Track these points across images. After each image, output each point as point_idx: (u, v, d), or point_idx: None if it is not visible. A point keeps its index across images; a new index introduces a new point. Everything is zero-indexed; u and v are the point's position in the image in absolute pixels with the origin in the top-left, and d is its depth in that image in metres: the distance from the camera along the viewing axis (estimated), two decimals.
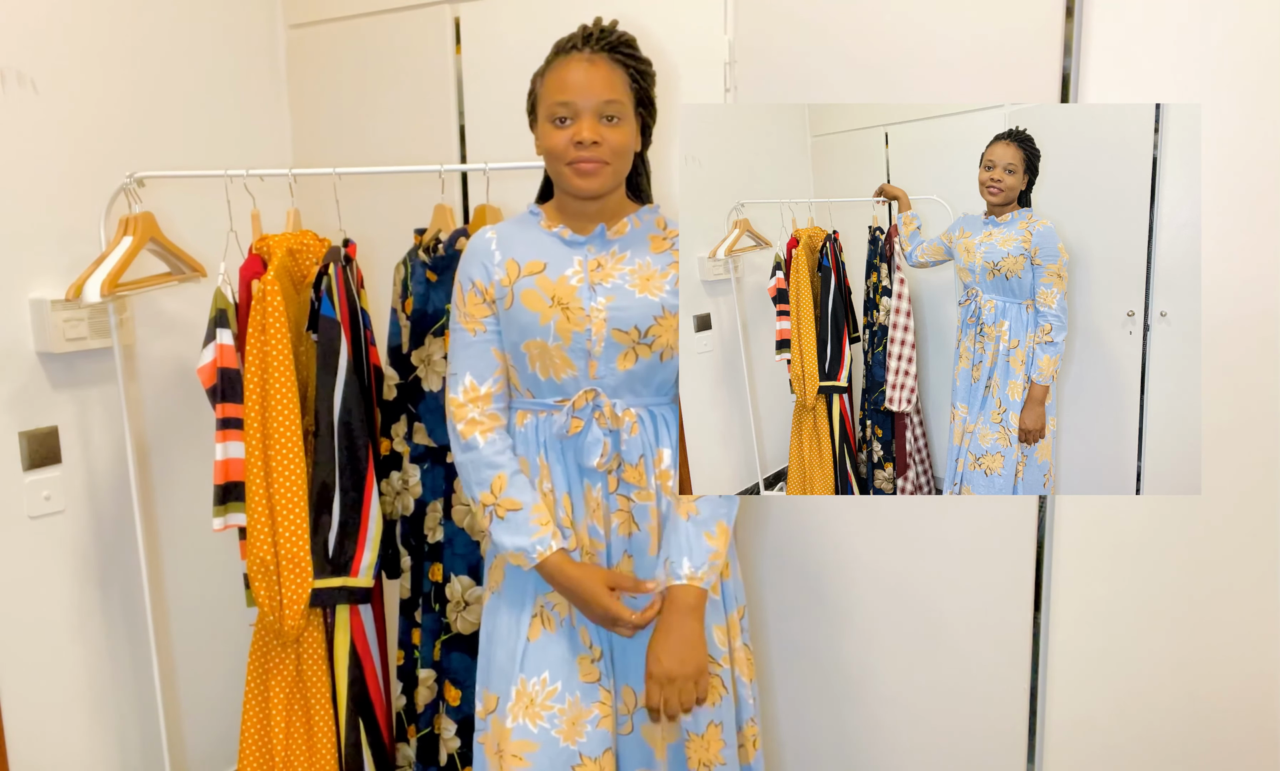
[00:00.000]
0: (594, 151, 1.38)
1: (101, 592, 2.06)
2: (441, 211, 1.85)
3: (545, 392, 1.47)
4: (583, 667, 1.46)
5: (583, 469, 1.46)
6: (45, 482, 1.94)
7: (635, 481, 1.45)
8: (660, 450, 1.47)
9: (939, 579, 1.91)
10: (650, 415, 1.47)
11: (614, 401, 1.45)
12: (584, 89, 1.37)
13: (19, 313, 1.89)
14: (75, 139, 1.97)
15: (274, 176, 1.82)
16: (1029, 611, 1.85)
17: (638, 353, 1.44)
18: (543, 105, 1.42)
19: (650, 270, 1.46)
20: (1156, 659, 1.78)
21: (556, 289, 1.43)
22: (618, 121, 1.40)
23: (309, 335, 1.80)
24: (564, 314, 1.42)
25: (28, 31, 1.88)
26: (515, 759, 1.40)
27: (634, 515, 1.47)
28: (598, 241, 1.47)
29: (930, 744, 1.97)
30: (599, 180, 1.40)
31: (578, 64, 1.39)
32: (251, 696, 1.84)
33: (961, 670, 1.91)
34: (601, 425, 1.44)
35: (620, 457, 1.45)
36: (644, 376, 1.46)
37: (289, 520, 1.70)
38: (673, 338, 1.46)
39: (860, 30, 1.82)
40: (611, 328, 1.42)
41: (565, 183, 1.42)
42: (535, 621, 1.47)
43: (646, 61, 1.45)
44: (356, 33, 2.29)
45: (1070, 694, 1.85)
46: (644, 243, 1.49)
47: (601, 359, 1.43)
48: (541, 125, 1.43)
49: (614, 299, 1.43)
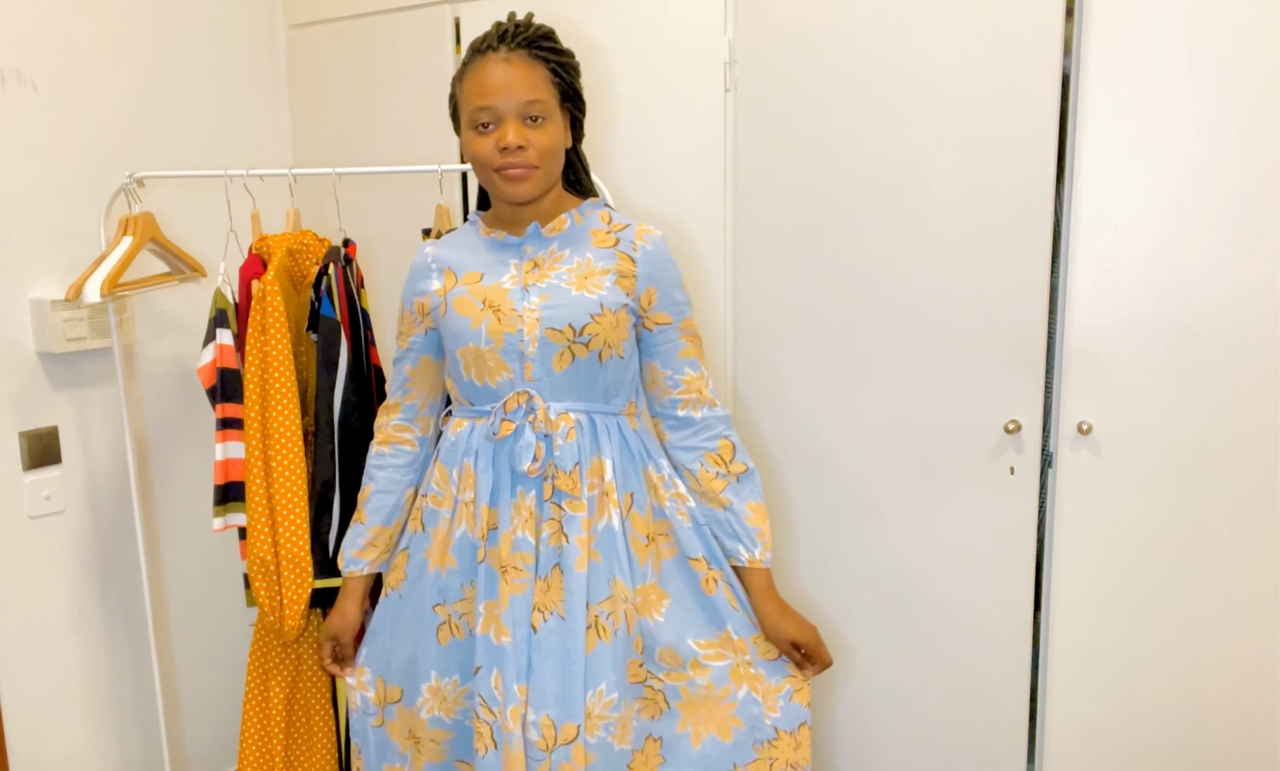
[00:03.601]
0: (520, 156, 1.33)
1: (101, 592, 2.06)
2: (441, 212, 1.85)
3: (483, 399, 1.44)
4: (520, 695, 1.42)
5: (515, 474, 1.40)
6: (45, 482, 1.94)
7: (568, 489, 1.39)
8: (601, 460, 1.41)
9: (939, 578, 1.91)
10: (590, 422, 1.42)
11: (550, 405, 1.40)
12: (503, 91, 1.32)
13: (19, 313, 1.89)
14: (75, 139, 1.97)
15: (274, 176, 1.82)
16: (1029, 611, 1.85)
17: (573, 352, 1.39)
18: (464, 111, 1.37)
19: (590, 267, 1.41)
20: (1156, 658, 1.78)
21: (489, 293, 1.40)
22: (543, 121, 1.34)
23: (309, 335, 1.80)
24: (495, 316, 1.39)
25: (28, 31, 1.88)
26: (433, 743, 1.50)
27: (564, 525, 1.40)
28: (534, 241, 1.43)
29: (930, 743, 1.97)
30: (529, 185, 1.36)
31: (495, 65, 1.33)
32: (251, 696, 1.84)
33: (962, 669, 1.91)
34: (535, 428, 1.39)
35: (554, 463, 1.39)
36: (584, 379, 1.41)
37: (289, 520, 1.70)
38: (613, 336, 1.40)
39: (861, 30, 1.82)
40: (545, 327, 1.37)
41: (496, 190, 1.38)
42: (444, 629, 1.47)
43: (568, 53, 1.39)
44: (356, 33, 2.29)
45: (1070, 693, 1.85)
46: (585, 239, 1.43)
47: (536, 360, 1.39)
48: (465, 132, 1.37)
49: (548, 298, 1.38)
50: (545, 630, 1.39)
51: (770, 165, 1.93)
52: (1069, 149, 1.73)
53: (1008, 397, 1.81)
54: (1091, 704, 1.84)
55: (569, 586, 1.39)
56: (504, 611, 1.39)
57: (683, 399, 1.47)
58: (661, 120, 1.99)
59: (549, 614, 1.39)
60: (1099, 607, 1.81)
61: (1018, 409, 1.80)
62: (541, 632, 1.39)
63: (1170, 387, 1.71)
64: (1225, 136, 1.63)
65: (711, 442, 1.46)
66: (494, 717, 1.38)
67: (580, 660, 1.38)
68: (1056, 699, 1.86)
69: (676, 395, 1.47)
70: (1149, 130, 1.67)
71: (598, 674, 1.39)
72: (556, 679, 1.38)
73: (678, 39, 1.96)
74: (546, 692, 1.38)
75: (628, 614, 1.42)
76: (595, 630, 1.40)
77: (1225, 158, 1.63)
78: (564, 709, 1.38)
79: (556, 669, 1.39)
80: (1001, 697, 1.89)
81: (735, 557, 1.46)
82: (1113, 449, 1.76)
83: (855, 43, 1.83)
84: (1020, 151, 1.73)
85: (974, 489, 1.85)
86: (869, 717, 2.01)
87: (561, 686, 1.38)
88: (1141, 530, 1.76)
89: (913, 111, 1.80)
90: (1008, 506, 1.83)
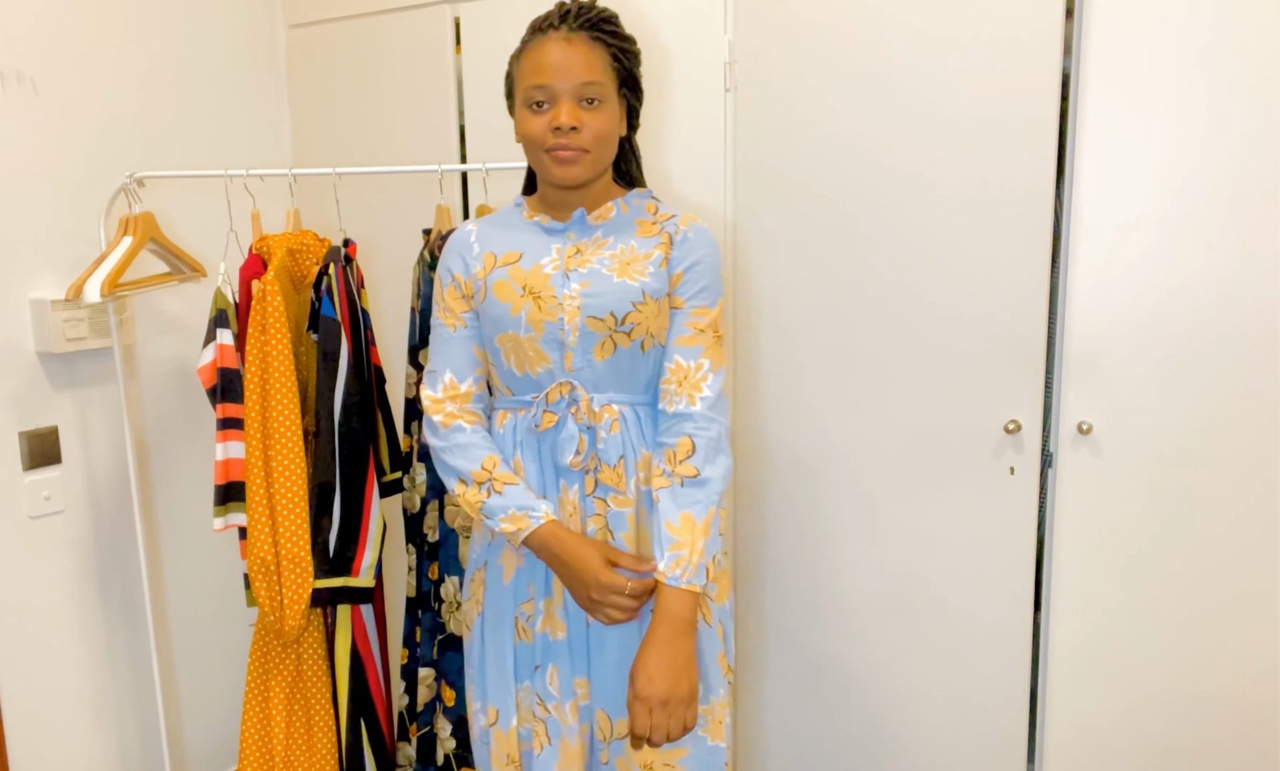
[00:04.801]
0: (573, 138, 1.29)
1: (101, 592, 2.06)
2: (441, 212, 1.85)
3: (523, 389, 1.39)
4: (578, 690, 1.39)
5: (559, 467, 1.36)
6: (45, 482, 1.94)
7: (613, 483, 1.35)
8: (650, 454, 1.36)
9: (939, 578, 1.91)
10: (635, 414, 1.37)
11: (593, 396, 1.35)
12: (561, 70, 1.28)
13: (19, 313, 1.89)
14: (75, 139, 1.97)
15: (274, 176, 1.82)
16: (1029, 611, 1.85)
17: (615, 342, 1.33)
18: (519, 89, 1.33)
19: (633, 254, 1.35)
20: (1157, 659, 1.79)
21: (529, 278, 1.35)
22: (598, 104, 1.30)
23: (309, 335, 1.80)
24: (535, 303, 1.33)
25: (28, 31, 1.88)
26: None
27: (609, 522, 1.35)
28: (578, 227, 1.38)
29: (930, 744, 1.97)
30: (579, 168, 1.31)
31: (554, 44, 1.29)
32: (251, 696, 1.84)
33: (961, 670, 1.91)
34: (577, 421, 1.34)
35: (597, 457, 1.35)
36: (626, 369, 1.35)
37: (289, 520, 1.70)
38: (655, 325, 1.35)
39: (860, 31, 1.82)
40: (586, 315, 1.32)
41: (545, 171, 1.34)
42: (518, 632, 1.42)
43: (629, 39, 1.35)
44: (356, 33, 2.29)
45: (1070, 694, 1.85)
46: (630, 228, 1.39)
47: (577, 349, 1.33)
48: (518, 111, 1.34)
49: (589, 284, 1.33)
50: (596, 626, 1.37)
51: (770, 165, 1.93)
52: (1069, 149, 1.73)
53: (1008, 398, 1.81)
54: (1091, 704, 1.84)
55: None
56: (559, 607, 1.37)
57: (664, 389, 1.36)
58: (661, 120, 1.99)
59: None
60: (1099, 607, 1.81)
61: (1018, 409, 1.81)
62: (594, 628, 1.37)
63: (1170, 388, 1.71)
64: (1225, 136, 1.63)
65: (672, 439, 1.33)
66: (548, 714, 1.37)
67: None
68: (1056, 699, 1.86)
69: (662, 384, 1.36)
70: (1149, 130, 1.67)
71: None
72: (612, 676, 1.37)
73: (678, 39, 1.96)
74: (603, 689, 1.37)
75: (703, 602, 1.38)
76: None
77: (1225, 158, 1.63)
78: (621, 706, 1.37)
79: (611, 665, 1.37)
80: (1001, 697, 1.89)
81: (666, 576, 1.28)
82: (1113, 449, 1.76)
83: (855, 43, 1.83)
84: (1020, 151, 1.74)
85: (974, 489, 1.85)
86: (869, 717, 2.01)
87: (617, 681, 1.37)
88: (1141, 530, 1.76)
89: (913, 112, 1.80)
90: (1008, 506, 1.83)
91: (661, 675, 1.26)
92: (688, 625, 1.28)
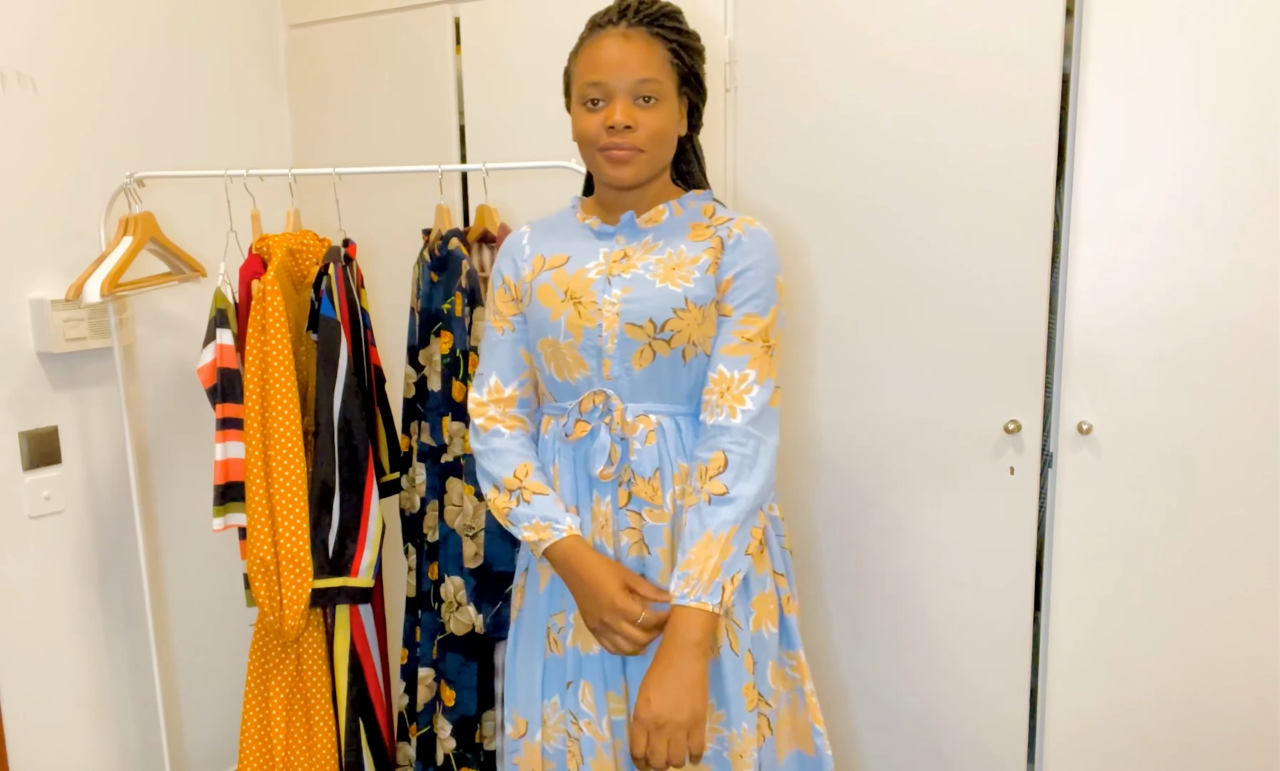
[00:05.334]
0: (627, 137, 1.24)
1: (101, 592, 2.06)
2: (441, 212, 1.85)
3: (563, 395, 1.36)
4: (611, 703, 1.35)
5: (591, 477, 1.32)
6: (45, 482, 1.94)
7: (648, 497, 1.29)
8: (685, 465, 1.31)
9: (939, 578, 1.91)
10: (674, 425, 1.31)
11: (629, 406, 1.30)
12: (617, 67, 1.23)
13: (19, 313, 1.89)
14: (75, 139, 1.97)
15: (274, 176, 1.82)
16: (1029, 611, 1.85)
17: (654, 349, 1.28)
18: (575, 86, 1.29)
19: (680, 258, 1.30)
20: (1156, 658, 1.79)
21: (571, 283, 1.32)
22: (655, 102, 1.25)
23: (309, 335, 1.80)
24: (575, 308, 1.30)
25: (28, 31, 1.88)
26: None
27: (645, 536, 1.30)
28: (628, 231, 1.34)
29: (930, 743, 1.97)
30: (633, 169, 1.27)
31: (611, 40, 1.25)
32: (251, 696, 1.84)
33: (961, 670, 1.91)
34: (611, 431, 1.30)
35: (631, 469, 1.30)
36: (666, 379, 1.30)
37: (289, 520, 1.70)
38: (699, 333, 1.28)
39: (860, 32, 1.82)
40: (624, 322, 1.27)
41: (598, 171, 1.30)
42: (551, 643, 1.38)
43: (692, 35, 1.30)
44: (356, 33, 2.29)
45: (1070, 693, 1.85)
46: (682, 231, 1.33)
47: (615, 357, 1.29)
48: (574, 108, 1.30)
49: (631, 290, 1.28)
50: None
51: (769, 166, 1.93)
52: (1069, 149, 1.73)
53: (1008, 398, 1.81)
54: (1091, 703, 1.84)
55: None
56: None
57: (706, 399, 1.29)
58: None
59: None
60: (1099, 607, 1.81)
61: (1018, 409, 1.81)
62: None
63: (1170, 387, 1.71)
64: (1225, 136, 1.63)
65: (706, 453, 1.27)
66: (581, 732, 1.32)
67: None
68: (1056, 698, 1.86)
69: (704, 394, 1.30)
70: (1149, 130, 1.67)
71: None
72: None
73: None
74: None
75: (730, 630, 1.31)
76: None
77: (1225, 157, 1.63)
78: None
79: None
80: (1001, 697, 1.89)
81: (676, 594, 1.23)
82: (1112, 449, 1.76)
83: (854, 44, 1.83)
84: (1020, 151, 1.73)
85: (974, 489, 1.85)
86: (868, 717, 2.01)
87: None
88: (1141, 530, 1.76)
89: (912, 112, 1.80)
90: (1008, 506, 1.83)
91: (661, 698, 1.20)
92: (695, 646, 1.21)
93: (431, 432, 1.83)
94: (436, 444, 1.83)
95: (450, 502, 1.82)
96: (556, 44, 2.04)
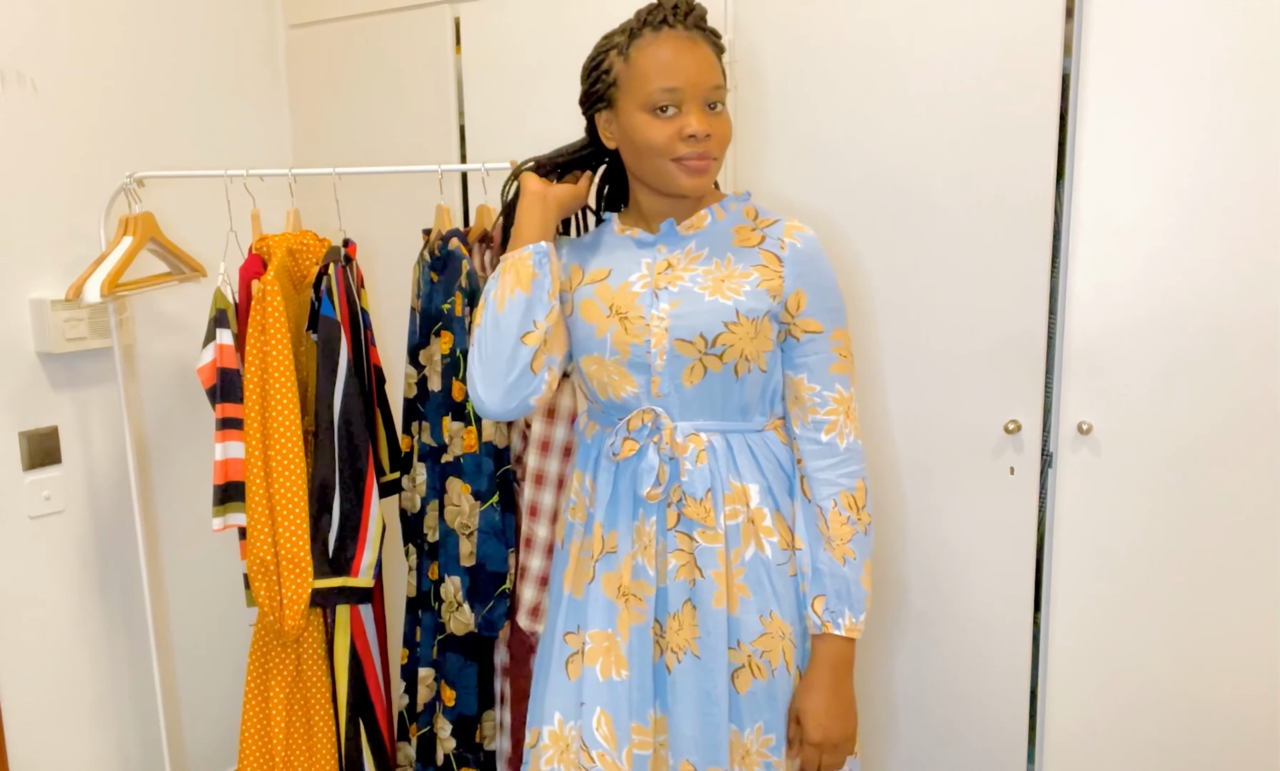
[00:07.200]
0: (705, 146, 1.21)
1: (101, 592, 2.06)
2: (441, 212, 1.85)
3: (610, 413, 1.32)
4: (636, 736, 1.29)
5: (637, 497, 1.28)
6: (45, 482, 1.94)
7: (699, 518, 1.26)
8: (745, 486, 1.28)
9: (938, 578, 1.91)
10: (726, 443, 1.28)
11: (679, 424, 1.27)
12: (693, 73, 1.19)
13: (19, 313, 1.89)
14: (75, 139, 1.97)
15: (274, 176, 1.82)
16: (1029, 611, 1.85)
17: (705, 365, 1.24)
18: (637, 90, 1.22)
19: (729, 269, 1.26)
20: (1157, 660, 1.79)
21: (616, 297, 1.27)
22: (721, 109, 1.23)
23: (309, 335, 1.80)
24: (621, 324, 1.26)
25: (28, 31, 1.88)
26: None
27: (697, 559, 1.26)
28: (669, 239, 1.30)
29: (930, 744, 1.97)
30: (708, 177, 1.24)
31: (680, 43, 1.19)
32: (251, 696, 1.84)
33: (961, 670, 1.91)
34: (660, 450, 1.26)
35: (681, 489, 1.26)
36: (717, 396, 1.27)
37: (289, 520, 1.70)
38: (752, 348, 1.25)
39: (860, 32, 1.82)
40: (674, 338, 1.24)
41: (669, 181, 1.24)
42: (575, 660, 1.32)
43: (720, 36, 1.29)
44: (356, 33, 2.29)
45: (1070, 695, 1.85)
46: (727, 237, 1.29)
47: (664, 374, 1.25)
48: (634, 115, 1.22)
49: (679, 304, 1.24)
50: (679, 670, 1.28)
51: (769, 165, 1.93)
52: (1069, 149, 1.73)
53: (1008, 398, 1.81)
54: (1091, 704, 1.84)
55: (705, 625, 1.26)
56: (624, 643, 1.28)
57: (829, 420, 1.28)
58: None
59: (682, 653, 1.27)
60: (1099, 608, 1.81)
61: (1018, 409, 1.81)
62: (676, 673, 1.28)
63: (1170, 388, 1.71)
64: (1225, 137, 1.63)
65: (850, 480, 1.28)
66: (593, 763, 1.26)
67: (722, 702, 1.26)
68: (1056, 699, 1.86)
69: (823, 415, 1.28)
70: (1149, 131, 1.67)
71: (754, 712, 1.28)
72: (694, 722, 1.27)
73: None
74: (685, 738, 1.28)
75: (785, 652, 1.29)
76: (749, 669, 1.28)
77: (1226, 158, 1.63)
78: (706, 754, 1.27)
79: (694, 712, 1.27)
80: (1001, 698, 1.89)
81: (831, 624, 1.26)
82: (1113, 449, 1.76)
83: (855, 44, 1.83)
84: (1020, 152, 1.73)
85: (974, 489, 1.85)
86: (868, 717, 2.01)
87: (702, 731, 1.27)
88: (1141, 530, 1.76)
89: (912, 112, 1.80)
90: (1008, 506, 1.83)
91: (830, 720, 1.26)
92: (849, 668, 1.29)
93: (432, 432, 1.83)
94: (437, 443, 1.83)
95: (450, 502, 1.82)
96: (557, 44, 2.04)
